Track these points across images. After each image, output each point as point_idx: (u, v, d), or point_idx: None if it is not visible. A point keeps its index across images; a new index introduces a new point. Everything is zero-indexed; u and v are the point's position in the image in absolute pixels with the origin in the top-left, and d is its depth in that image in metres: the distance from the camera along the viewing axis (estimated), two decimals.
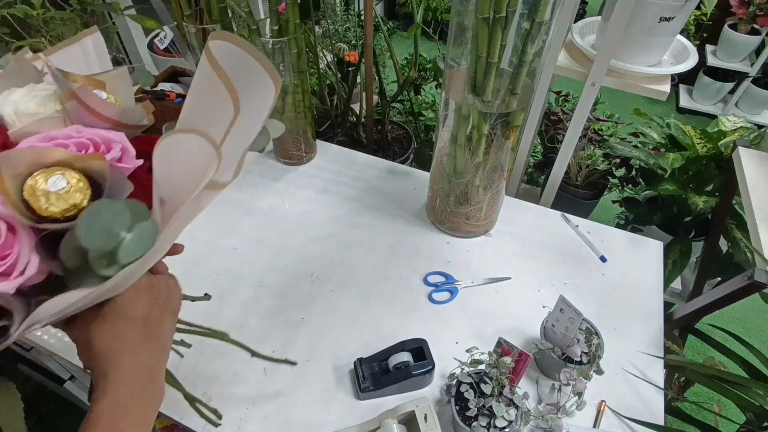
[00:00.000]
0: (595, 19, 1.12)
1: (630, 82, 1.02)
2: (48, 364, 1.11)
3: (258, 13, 1.34)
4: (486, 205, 0.89)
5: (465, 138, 0.77)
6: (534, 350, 0.72)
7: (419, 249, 0.93)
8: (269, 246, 0.93)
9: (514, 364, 0.64)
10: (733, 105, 2.65)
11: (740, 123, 1.30)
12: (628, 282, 0.87)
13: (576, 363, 0.68)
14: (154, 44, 1.80)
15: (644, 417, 0.69)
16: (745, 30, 2.39)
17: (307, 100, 1.00)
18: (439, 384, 0.73)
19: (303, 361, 0.75)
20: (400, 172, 1.10)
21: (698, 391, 1.47)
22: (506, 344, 0.65)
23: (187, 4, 0.91)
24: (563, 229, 0.98)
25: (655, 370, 0.75)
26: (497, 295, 0.86)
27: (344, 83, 1.41)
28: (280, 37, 0.88)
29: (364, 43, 1.16)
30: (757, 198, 0.89)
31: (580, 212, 1.03)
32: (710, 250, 1.25)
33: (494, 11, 0.61)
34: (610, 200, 1.61)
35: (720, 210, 1.18)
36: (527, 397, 0.65)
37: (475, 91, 0.71)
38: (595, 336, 0.71)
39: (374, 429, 0.65)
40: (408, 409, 0.64)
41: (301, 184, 1.06)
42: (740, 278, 0.77)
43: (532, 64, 0.67)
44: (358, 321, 0.81)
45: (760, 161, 0.98)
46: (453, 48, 0.73)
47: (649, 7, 0.93)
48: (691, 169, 1.28)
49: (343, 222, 0.98)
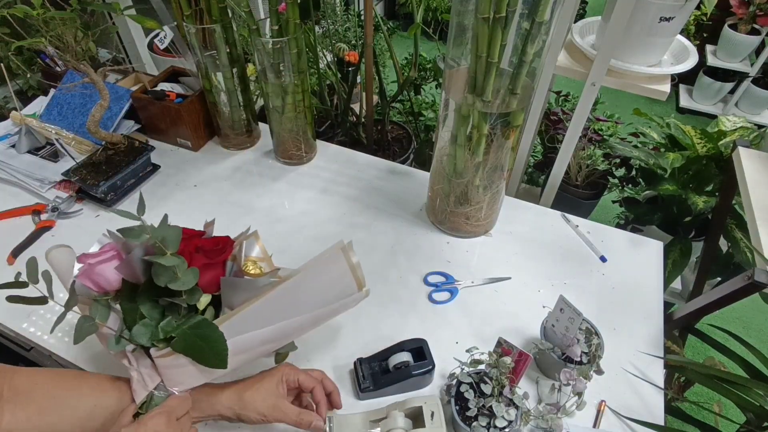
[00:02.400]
0: (595, 19, 1.12)
1: (630, 82, 1.02)
2: (47, 364, 1.11)
3: (258, 13, 1.34)
4: (486, 205, 0.89)
5: (465, 138, 0.77)
6: (534, 350, 0.72)
7: (419, 249, 0.93)
8: (269, 246, 0.93)
9: (514, 364, 0.64)
10: (733, 105, 2.65)
11: (740, 123, 1.30)
12: (628, 282, 0.87)
13: (576, 363, 0.68)
14: (153, 44, 1.80)
15: (644, 417, 0.69)
16: (745, 30, 2.39)
17: (307, 100, 1.00)
18: (439, 384, 0.73)
19: (303, 361, 0.75)
20: (400, 172, 1.10)
21: (698, 391, 1.47)
22: (506, 344, 0.65)
23: (187, 4, 0.91)
24: (563, 229, 0.98)
25: (655, 370, 0.75)
26: (497, 295, 0.86)
27: (344, 83, 1.41)
28: (280, 37, 0.88)
29: (364, 43, 1.16)
30: (757, 198, 0.89)
31: (580, 212, 1.03)
32: (710, 250, 1.25)
33: (494, 11, 0.61)
34: (610, 200, 1.61)
35: (720, 210, 1.18)
36: (527, 397, 0.65)
37: (475, 91, 0.71)
38: (595, 336, 0.71)
39: (380, 418, 0.65)
40: (416, 404, 0.64)
41: (301, 184, 1.06)
42: (740, 278, 0.77)
43: (532, 64, 0.67)
44: (357, 321, 0.81)
45: (760, 161, 0.98)
46: (453, 48, 0.73)
47: (649, 7, 0.93)
48: (691, 169, 1.28)
49: (342, 222, 0.98)
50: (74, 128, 1.08)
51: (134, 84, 1.21)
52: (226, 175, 1.08)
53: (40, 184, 1.00)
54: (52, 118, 1.11)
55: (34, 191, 0.99)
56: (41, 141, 1.06)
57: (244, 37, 1.09)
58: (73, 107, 1.12)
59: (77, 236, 0.92)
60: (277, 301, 0.56)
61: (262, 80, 0.95)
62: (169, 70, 1.16)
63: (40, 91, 1.40)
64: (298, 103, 0.99)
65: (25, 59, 1.49)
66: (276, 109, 0.99)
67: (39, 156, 1.04)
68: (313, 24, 1.28)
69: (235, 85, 1.04)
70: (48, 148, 1.05)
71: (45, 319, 0.80)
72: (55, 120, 1.11)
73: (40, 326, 0.79)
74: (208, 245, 0.58)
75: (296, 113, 1.00)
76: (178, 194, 1.03)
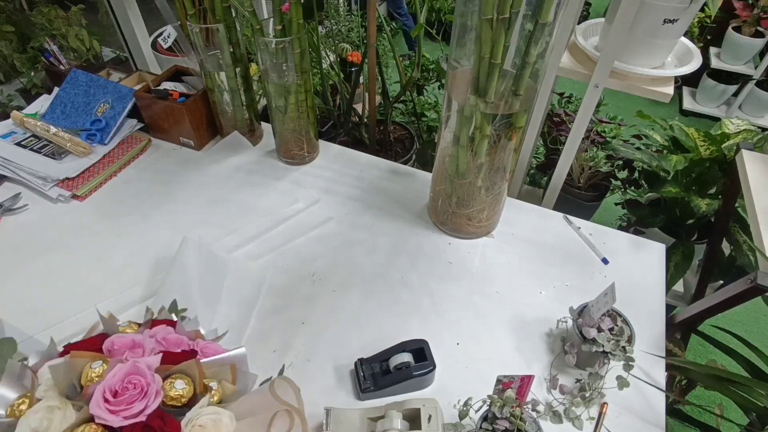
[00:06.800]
0: (599, 20, 1.12)
1: (633, 84, 1.02)
2: None
3: (261, 12, 1.34)
4: (488, 206, 0.88)
5: (467, 139, 0.77)
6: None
7: (421, 250, 0.93)
8: (270, 245, 0.93)
9: (518, 389, 0.62)
10: (737, 107, 2.65)
11: (744, 125, 1.30)
12: (630, 284, 0.87)
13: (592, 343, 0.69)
14: (157, 43, 1.81)
15: (646, 419, 0.69)
16: (749, 32, 2.38)
17: (309, 100, 1.01)
18: (440, 385, 0.73)
19: (304, 361, 0.75)
20: (402, 172, 1.10)
21: (700, 394, 1.47)
22: (506, 378, 0.63)
23: (191, 3, 0.91)
24: (565, 231, 0.98)
25: (657, 372, 0.75)
26: (498, 296, 0.85)
27: (347, 83, 1.42)
28: (284, 37, 0.88)
29: (367, 44, 1.16)
30: (761, 201, 0.89)
31: (583, 214, 1.03)
32: (713, 252, 1.24)
33: (498, 12, 0.61)
34: (612, 202, 1.61)
35: (723, 213, 1.17)
36: (537, 403, 0.65)
37: (477, 92, 0.70)
38: (623, 322, 0.74)
39: (378, 417, 0.65)
40: (414, 405, 0.64)
41: (303, 183, 1.06)
42: (743, 281, 0.76)
43: (535, 66, 0.67)
44: (359, 321, 0.81)
45: (764, 164, 0.98)
46: (456, 49, 0.73)
47: (653, 9, 0.93)
48: (694, 172, 1.27)
49: (344, 222, 0.98)
50: (77, 127, 1.09)
51: (137, 83, 1.21)
52: (228, 175, 1.08)
53: (44, 182, 1.00)
54: (55, 116, 1.12)
55: (38, 189, 0.99)
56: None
57: (248, 37, 1.09)
58: (77, 106, 1.12)
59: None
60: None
61: (265, 80, 0.96)
62: (172, 69, 1.16)
63: (44, 90, 1.40)
64: (300, 103, 0.99)
65: (29, 57, 1.49)
66: (279, 109, 1.00)
67: (42, 154, 1.04)
68: (317, 24, 1.28)
69: (238, 84, 1.04)
70: (51, 146, 1.05)
71: None
72: (58, 119, 1.11)
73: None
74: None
75: (299, 113, 1.00)
76: (180, 194, 1.03)
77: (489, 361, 0.76)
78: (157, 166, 1.09)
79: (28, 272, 0.86)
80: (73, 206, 0.99)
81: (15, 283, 0.85)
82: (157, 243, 0.92)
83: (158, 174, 1.07)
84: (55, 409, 0.45)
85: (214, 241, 0.91)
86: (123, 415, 0.44)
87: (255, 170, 1.09)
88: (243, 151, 1.13)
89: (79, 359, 0.48)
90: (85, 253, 0.90)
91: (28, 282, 0.85)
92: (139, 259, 0.89)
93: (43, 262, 0.88)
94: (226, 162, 1.11)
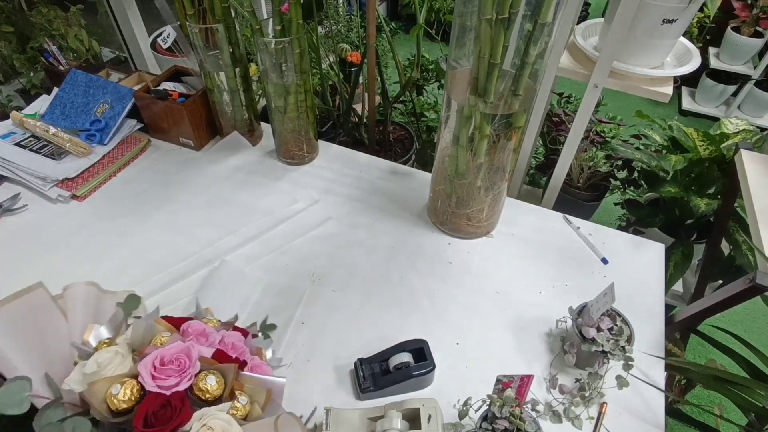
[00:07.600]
0: (598, 20, 1.12)
1: (632, 84, 1.02)
2: None
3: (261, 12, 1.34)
4: (487, 206, 0.89)
5: (467, 139, 0.77)
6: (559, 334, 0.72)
7: (420, 249, 0.93)
8: (270, 245, 0.93)
9: (518, 389, 0.62)
10: (736, 107, 2.65)
11: (743, 125, 1.30)
12: (629, 284, 0.87)
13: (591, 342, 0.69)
14: (156, 43, 1.81)
15: (645, 419, 0.69)
16: (749, 33, 2.39)
17: (309, 101, 1.01)
18: (439, 385, 0.73)
19: (303, 361, 0.75)
20: (401, 172, 1.10)
21: (699, 394, 1.47)
22: (505, 378, 0.63)
23: (191, 4, 0.91)
24: (565, 231, 0.98)
25: (657, 372, 0.75)
26: (498, 296, 0.86)
27: (346, 84, 1.42)
28: (283, 37, 0.88)
29: (366, 44, 1.16)
30: (759, 201, 0.89)
31: (582, 214, 1.03)
32: (712, 252, 1.24)
33: (497, 12, 0.61)
34: (611, 202, 1.61)
35: (722, 212, 1.18)
36: (537, 403, 0.65)
37: (477, 92, 0.71)
38: (623, 322, 0.74)
39: (378, 417, 0.65)
40: (414, 405, 0.64)
41: (303, 184, 1.06)
42: (742, 281, 0.76)
43: (535, 66, 0.67)
44: (358, 321, 0.81)
45: (763, 164, 0.98)
46: (455, 49, 0.73)
47: (652, 9, 0.93)
48: (694, 172, 1.28)
49: (344, 222, 0.98)
50: (76, 128, 1.09)
51: (137, 83, 1.21)
52: (227, 175, 1.08)
53: (43, 182, 1.00)
54: (54, 117, 1.12)
55: (37, 189, 0.99)
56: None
57: (247, 37, 1.09)
58: (77, 106, 1.12)
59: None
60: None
61: (265, 80, 0.96)
62: (171, 69, 1.16)
63: (43, 90, 1.40)
64: (300, 103, 0.99)
65: (29, 57, 1.49)
66: (278, 109, 1.00)
67: (41, 154, 1.04)
68: (316, 24, 1.28)
69: (237, 84, 1.04)
70: (50, 147, 1.05)
71: None
72: (57, 119, 1.11)
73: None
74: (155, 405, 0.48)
75: (298, 113, 1.00)
76: (180, 194, 1.03)
77: (488, 361, 0.76)
78: (157, 167, 1.09)
79: (28, 272, 0.86)
80: (73, 206, 0.99)
81: (15, 283, 0.84)
82: (156, 243, 0.92)
83: (158, 174, 1.07)
84: (119, 355, 0.52)
85: (214, 240, 0.92)
86: (157, 382, 0.49)
87: (254, 170, 1.09)
88: (242, 152, 1.13)
89: (158, 325, 0.56)
90: (85, 253, 0.90)
91: (28, 282, 0.85)
92: (138, 259, 0.89)
93: (43, 262, 0.88)
94: (226, 162, 1.11)
